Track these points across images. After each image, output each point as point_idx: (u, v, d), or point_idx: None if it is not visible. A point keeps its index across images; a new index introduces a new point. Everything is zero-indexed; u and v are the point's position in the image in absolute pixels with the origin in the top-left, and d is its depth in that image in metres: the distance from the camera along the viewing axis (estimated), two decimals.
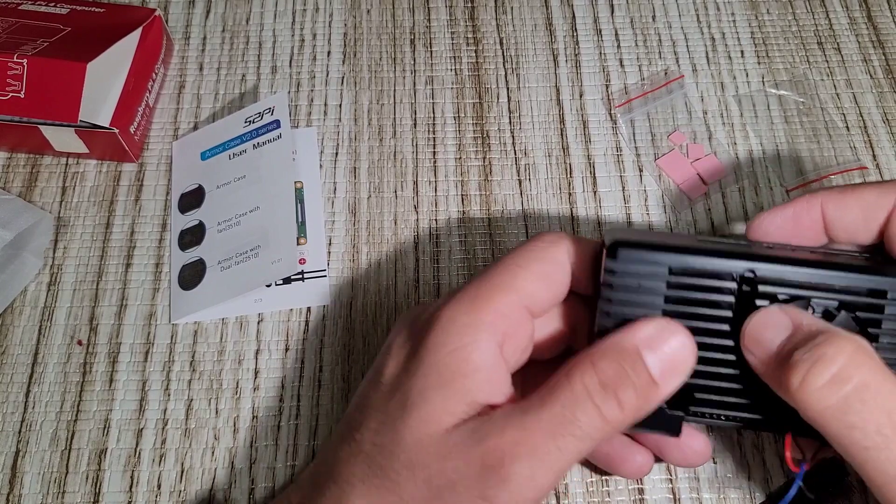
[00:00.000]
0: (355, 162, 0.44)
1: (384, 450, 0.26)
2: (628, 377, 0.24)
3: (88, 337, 0.39)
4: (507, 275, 0.28)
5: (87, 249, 0.41)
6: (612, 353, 0.25)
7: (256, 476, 0.36)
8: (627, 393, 0.24)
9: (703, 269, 0.27)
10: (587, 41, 0.47)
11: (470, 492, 0.25)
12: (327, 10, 0.48)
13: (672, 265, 0.27)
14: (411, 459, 0.26)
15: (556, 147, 0.44)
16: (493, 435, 0.25)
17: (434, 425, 0.26)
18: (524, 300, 0.28)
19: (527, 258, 0.28)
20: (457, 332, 0.27)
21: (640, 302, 0.27)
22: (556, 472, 0.25)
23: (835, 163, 0.43)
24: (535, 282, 0.28)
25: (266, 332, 0.39)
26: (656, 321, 0.26)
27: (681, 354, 0.25)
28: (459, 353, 0.26)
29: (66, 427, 0.37)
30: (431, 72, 0.46)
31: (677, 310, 0.27)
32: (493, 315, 0.27)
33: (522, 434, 0.24)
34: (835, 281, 0.26)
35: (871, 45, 0.47)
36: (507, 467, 0.24)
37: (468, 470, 0.25)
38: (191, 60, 0.47)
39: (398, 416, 0.26)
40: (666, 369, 0.25)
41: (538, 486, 0.24)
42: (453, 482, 0.25)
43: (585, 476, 0.36)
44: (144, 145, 0.44)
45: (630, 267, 0.27)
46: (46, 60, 0.40)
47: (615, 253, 0.27)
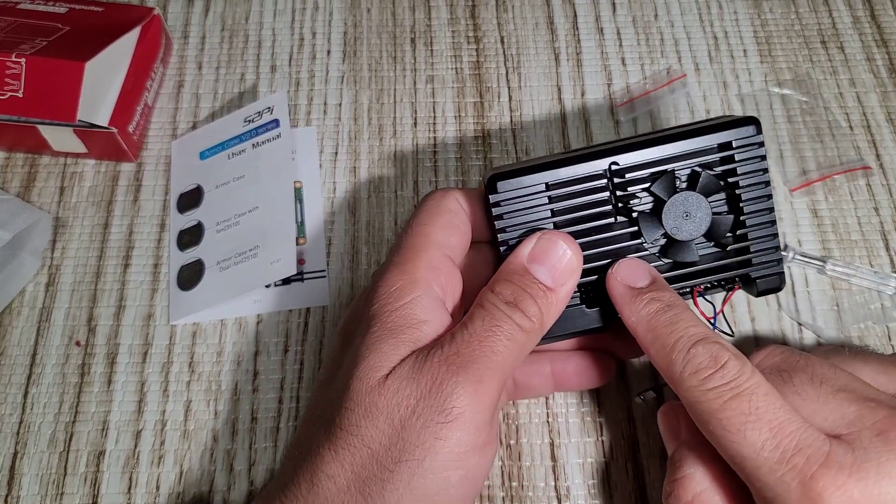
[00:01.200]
0: (355, 161, 0.43)
1: (341, 409, 0.27)
2: (524, 291, 0.28)
3: (87, 338, 0.39)
4: (420, 235, 0.30)
5: (86, 250, 0.41)
6: (505, 275, 0.29)
7: (255, 478, 0.36)
8: (528, 303, 0.28)
9: (575, 176, 0.30)
10: (589, 40, 0.47)
11: (429, 412, 0.26)
12: (327, 8, 0.48)
13: (547, 181, 0.30)
14: (367, 407, 0.26)
15: (558, 146, 0.44)
16: (433, 356, 0.27)
17: (382, 370, 0.27)
18: (443, 250, 0.30)
19: (428, 215, 0.30)
20: (396, 294, 0.28)
21: (530, 221, 0.30)
22: (496, 370, 0.27)
23: (838, 162, 0.43)
24: (444, 232, 0.30)
25: (265, 333, 0.39)
26: (535, 236, 0.29)
27: (564, 258, 0.29)
28: (404, 309, 0.28)
29: (64, 428, 0.37)
30: (432, 70, 0.46)
31: (566, 218, 0.30)
32: (424, 271, 0.29)
33: (455, 349, 0.27)
34: (685, 148, 0.30)
35: (874, 44, 0.47)
36: (453, 378, 0.26)
37: (420, 393, 0.26)
38: (190, 59, 0.46)
39: (348, 375, 0.28)
40: (555, 275, 0.29)
41: (485, 387, 0.26)
42: (411, 409, 0.26)
43: (586, 478, 0.36)
44: (143, 145, 0.44)
45: (510, 194, 0.30)
46: (45, 60, 0.40)
47: (494, 186, 0.30)
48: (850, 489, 0.23)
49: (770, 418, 0.24)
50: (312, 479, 0.27)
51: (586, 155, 0.30)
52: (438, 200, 0.31)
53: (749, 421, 0.25)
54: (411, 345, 0.28)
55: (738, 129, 0.30)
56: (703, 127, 0.30)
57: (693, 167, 0.30)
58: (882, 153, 0.43)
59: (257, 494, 0.34)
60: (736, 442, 0.25)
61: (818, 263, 0.40)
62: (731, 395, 0.25)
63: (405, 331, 0.28)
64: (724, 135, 0.30)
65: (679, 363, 0.26)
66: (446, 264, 0.30)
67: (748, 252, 0.31)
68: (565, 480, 0.36)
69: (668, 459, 0.29)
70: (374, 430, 0.26)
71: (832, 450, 0.24)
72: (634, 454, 0.36)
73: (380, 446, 0.26)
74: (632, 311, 0.28)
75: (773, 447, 0.24)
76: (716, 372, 0.26)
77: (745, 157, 0.30)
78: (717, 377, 0.26)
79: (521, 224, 0.30)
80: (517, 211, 0.30)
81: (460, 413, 0.26)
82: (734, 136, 0.30)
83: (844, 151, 0.43)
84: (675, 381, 0.27)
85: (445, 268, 0.30)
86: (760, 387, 0.25)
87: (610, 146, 0.30)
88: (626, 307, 0.29)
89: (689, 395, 0.26)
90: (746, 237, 0.31)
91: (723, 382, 0.25)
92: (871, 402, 0.25)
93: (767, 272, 0.31)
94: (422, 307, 0.28)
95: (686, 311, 0.28)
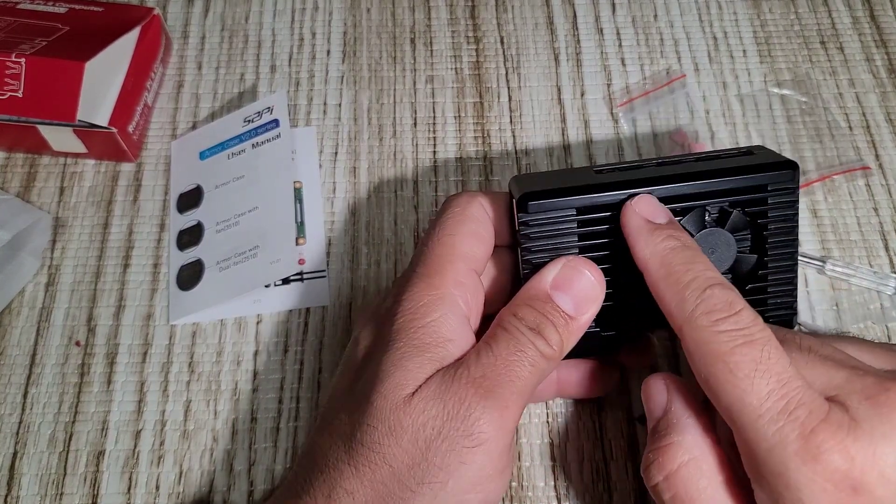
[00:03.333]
0: (355, 162, 0.43)
1: (363, 426, 0.27)
2: (546, 319, 0.28)
3: (86, 338, 0.39)
4: (447, 245, 0.29)
5: (86, 250, 0.41)
6: (527, 300, 0.28)
7: (255, 478, 0.36)
8: (550, 331, 0.28)
9: (607, 204, 0.29)
10: (588, 40, 0.47)
11: (455, 435, 0.26)
12: (327, 8, 0.48)
13: (578, 206, 0.29)
14: (391, 426, 0.26)
15: (558, 147, 0.44)
16: (460, 378, 0.26)
17: (407, 388, 0.27)
18: (469, 263, 0.29)
19: (455, 224, 0.30)
20: (422, 311, 0.28)
21: (556, 245, 0.29)
22: (520, 395, 0.27)
23: (837, 163, 0.43)
24: (469, 243, 0.30)
25: (265, 333, 0.39)
26: (560, 263, 0.29)
27: (588, 287, 0.29)
28: (429, 327, 0.28)
29: (64, 428, 0.37)
30: (432, 71, 0.46)
31: (591, 244, 0.30)
32: (451, 287, 0.28)
33: (482, 371, 0.27)
34: (721, 186, 0.29)
35: (873, 44, 0.47)
36: (480, 403, 0.26)
37: (447, 415, 0.26)
38: (189, 59, 0.46)
39: (371, 389, 0.27)
40: (578, 303, 0.28)
41: (510, 413, 0.26)
42: (437, 431, 0.26)
43: (586, 478, 0.36)
44: (143, 145, 0.44)
45: (541, 216, 0.29)
46: (45, 60, 0.40)
47: (525, 206, 0.29)
48: (848, 446, 0.23)
49: (779, 370, 0.24)
50: (330, 493, 0.26)
51: (620, 182, 0.29)
52: (464, 207, 0.30)
53: (759, 369, 0.24)
54: (437, 363, 0.27)
55: (777, 174, 0.29)
56: (742, 167, 0.30)
57: (723, 205, 0.30)
58: (881, 153, 0.43)
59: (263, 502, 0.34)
60: (740, 388, 0.24)
61: (817, 263, 0.40)
62: (743, 340, 0.25)
63: (431, 349, 0.27)
64: (762, 177, 0.29)
65: (692, 301, 0.26)
66: (472, 279, 0.29)
67: (765, 293, 0.31)
68: (565, 480, 0.36)
69: (650, 430, 0.28)
70: (398, 450, 0.26)
71: (831, 409, 0.24)
72: (634, 454, 0.36)
73: (402, 466, 0.26)
74: (647, 244, 0.27)
75: (779, 398, 0.24)
76: (730, 316, 0.25)
77: (777, 201, 0.30)
78: (731, 321, 0.25)
79: (548, 246, 0.29)
80: (545, 233, 0.29)
81: (486, 438, 0.26)
82: (771, 179, 0.29)
83: (844, 152, 0.43)
84: (683, 318, 0.26)
85: (471, 282, 0.29)
86: (772, 341, 0.25)
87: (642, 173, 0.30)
88: (642, 239, 0.28)
89: (697, 335, 0.25)
90: (766, 278, 0.30)
91: (736, 327, 0.25)
92: (857, 370, 0.25)
93: (781, 313, 0.31)
94: (448, 325, 0.28)
95: (703, 256, 0.27)
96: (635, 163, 0.31)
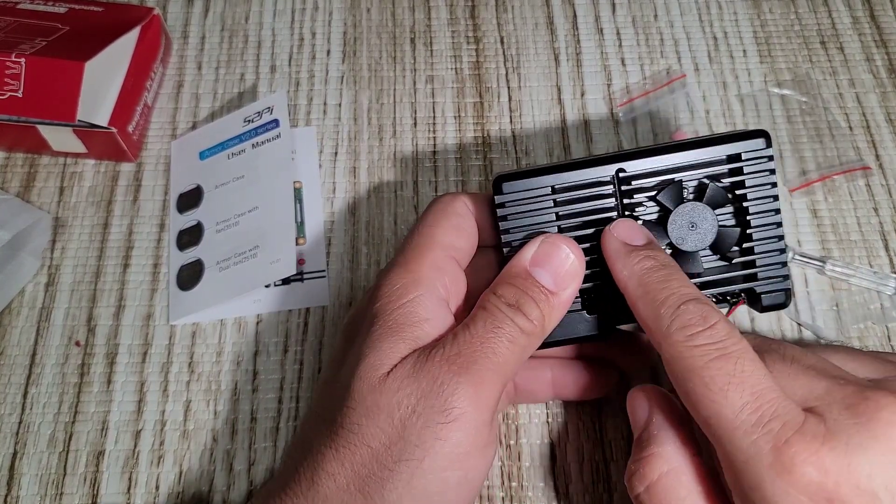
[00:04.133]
0: (355, 162, 0.43)
1: (342, 409, 0.27)
2: (525, 294, 0.28)
3: (86, 338, 0.39)
4: (426, 235, 0.30)
5: (85, 250, 0.41)
6: (508, 277, 0.29)
7: (255, 478, 0.36)
8: (530, 306, 0.28)
9: (582, 181, 0.30)
10: (588, 40, 0.47)
11: (430, 412, 0.26)
12: (327, 8, 0.48)
13: (553, 184, 0.30)
14: (368, 406, 0.26)
15: (558, 146, 0.44)
16: (434, 356, 0.27)
17: (382, 368, 0.27)
18: (449, 251, 0.30)
19: (435, 217, 0.31)
20: (398, 292, 0.28)
21: (535, 224, 0.30)
22: (497, 371, 0.27)
23: (838, 163, 0.43)
24: (450, 234, 0.30)
25: (265, 333, 0.39)
26: (538, 240, 0.29)
27: (567, 261, 0.29)
28: (405, 307, 0.28)
29: (63, 428, 0.37)
30: (432, 71, 0.46)
31: (570, 223, 0.30)
32: (428, 270, 0.29)
33: (457, 349, 0.27)
34: (694, 158, 0.30)
35: (873, 44, 0.47)
36: (454, 379, 0.26)
37: (421, 392, 0.26)
38: (189, 59, 0.46)
39: (350, 374, 0.28)
40: (557, 278, 0.28)
41: (487, 389, 0.27)
42: (412, 409, 0.26)
43: (586, 478, 0.36)
44: (143, 145, 0.44)
45: (516, 195, 0.30)
46: (44, 59, 0.40)
47: (500, 187, 0.30)
48: (822, 457, 0.23)
49: (753, 382, 0.24)
50: (313, 476, 0.27)
51: (593, 160, 0.30)
52: (447, 204, 0.31)
53: (733, 382, 0.24)
54: (412, 343, 0.28)
55: (748, 142, 0.29)
56: (713, 138, 0.30)
57: (701, 178, 0.30)
58: (881, 153, 0.43)
59: (256, 492, 0.34)
60: (715, 402, 0.24)
61: (818, 264, 0.40)
62: (717, 354, 0.25)
63: (406, 329, 0.28)
64: (734, 146, 0.29)
65: (667, 318, 0.26)
66: (451, 265, 0.30)
67: (754, 266, 0.30)
68: (565, 480, 0.36)
69: (634, 442, 0.29)
70: (375, 429, 0.26)
71: (807, 420, 0.24)
72: None
73: (380, 445, 0.26)
74: (624, 266, 0.28)
75: (753, 410, 0.24)
76: (704, 330, 0.25)
77: (753, 169, 0.30)
78: (706, 335, 0.25)
79: (526, 226, 0.30)
80: (522, 213, 0.30)
81: (461, 413, 0.26)
82: (743, 147, 0.29)
83: (844, 152, 0.43)
84: (660, 335, 0.26)
85: (450, 268, 0.30)
86: (747, 352, 0.25)
87: (618, 154, 0.30)
88: (620, 262, 0.28)
89: (673, 350, 0.26)
90: (753, 251, 0.30)
91: (710, 341, 0.25)
92: (839, 380, 0.25)
93: (773, 288, 0.30)
94: (424, 306, 0.28)
95: (679, 273, 0.28)
96: (614, 151, 0.32)
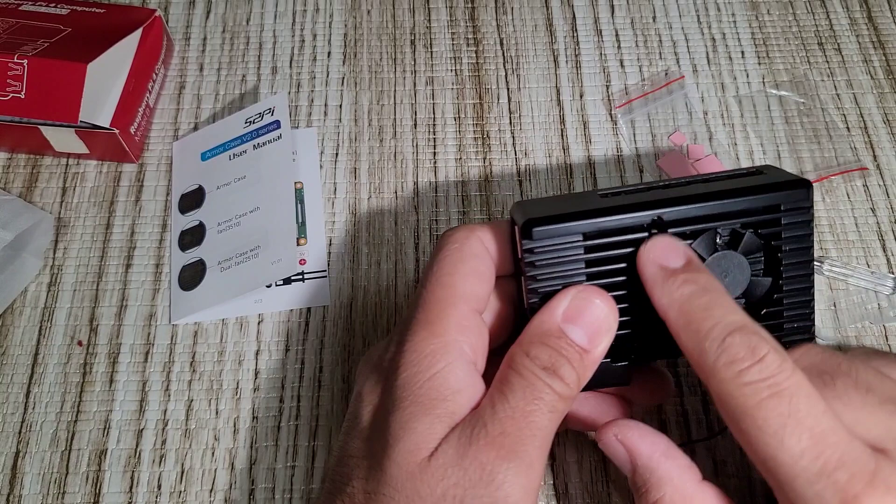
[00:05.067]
0: (355, 162, 0.44)
1: (378, 495, 0.25)
2: (560, 355, 0.26)
3: (88, 337, 0.39)
4: (447, 288, 0.28)
5: (88, 250, 0.41)
6: (539, 337, 0.27)
7: (256, 477, 0.36)
8: (565, 368, 0.26)
9: (615, 228, 0.28)
10: (587, 42, 0.47)
11: (479, 502, 0.24)
12: (327, 10, 0.48)
13: (585, 231, 0.28)
14: (408, 495, 0.25)
15: (557, 148, 0.44)
16: (478, 438, 0.25)
17: (421, 452, 0.25)
18: (471, 304, 0.28)
19: (452, 263, 0.28)
20: (426, 361, 0.26)
21: (563, 273, 0.28)
22: (542, 449, 0.25)
23: (835, 163, 0.43)
24: (470, 282, 0.28)
25: (266, 332, 0.39)
26: (569, 293, 0.27)
27: (600, 317, 0.27)
28: (435, 379, 0.26)
29: (66, 428, 0.37)
30: (432, 72, 0.46)
31: (600, 271, 0.28)
32: (455, 332, 0.27)
33: (500, 428, 0.25)
34: (733, 207, 0.28)
35: (871, 45, 0.47)
36: (503, 465, 0.24)
37: (469, 482, 0.24)
38: (191, 61, 0.47)
39: (383, 455, 0.26)
40: (591, 335, 0.27)
41: (535, 471, 0.25)
42: (459, 500, 0.24)
43: (585, 477, 0.36)
44: (144, 146, 0.44)
45: (546, 243, 0.28)
46: (47, 61, 0.40)
47: (530, 233, 0.28)
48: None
49: (812, 424, 0.22)
50: None
51: (627, 206, 0.28)
52: (462, 243, 0.28)
53: (788, 424, 0.22)
54: (448, 420, 0.26)
55: (790, 193, 0.28)
56: (754, 186, 0.28)
57: (735, 227, 0.28)
58: (879, 154, 0.44)
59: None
60: (771, 445, 0.22)
61: (815, 264, 0.40)
62: (769, 392, 0.23)
63: (440, 405, 0.26)
64: (775, 196, 0.28)
65: (712, 352, 0.24)
66: (475, 320, 0.28)
67: (781, 317, 0.29)
68: (564, 478, 0.36)
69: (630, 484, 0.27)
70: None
71: (878, 467, 0.21)
72: None
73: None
74: (663, 293, 0.26)
75: (814, 457, 0.22)
76: (753, 365, 0.23)
77: (791, 221, 0.28)
78: (755, 371, 0.23)
79: (555, 274, 0.28)
80: (551, 260, 0.28)
81: (513, 499, 0.24)
82: (784, 199, 0.28)
83: (841, 152, 0.43)
84: (706, 371, 0.24)
85: (474, 325, 0.28)
86: (802, 387, 0.23)
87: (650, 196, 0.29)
88: (658, 289, 0.26)
89: (721, 389, 0.24)
90: (782, 302, 0.29)
91: (761, 377, 0.23)
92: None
93: (797, 338, 0.30)
94: (455, 376, 0.26)
95: (724, 297, 0.26)
96: (641, 185, 0.30)
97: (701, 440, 0.36)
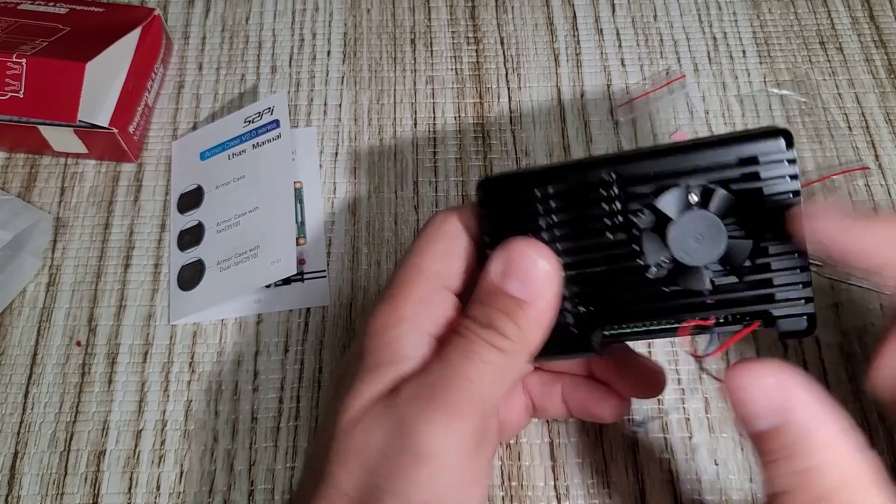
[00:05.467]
0: (355, 162, 0.43)
1: (320, 458, 0.26)
2: (498, 311, 0.25)
3: (87, 338, 0.39)
4: (412, 267, 0.28)
5: (86, 250, 0.41)
6: (479, 296, 0.26)
7: (256, 478, 0.36)
8: (502, 321, 0.25)
9: (571, 185, 0.26)
10: (588, 40, 0.47)
11: (398, 454, 0.24)
12: (327, 9, 0.48)
13: (539, 187, 0.27)
14: (339, 454, 0.25)
15: (558, 147, 0.44)
16: (402, 392, 0.25)
17: (354, 411, 0.26)
18: (436, 281, 0.28)
19: (424, 244, 0.29)
20: (383, 331, 0.27)
21: (520, 229, 0.27)
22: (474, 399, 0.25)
23: (837, 163, 0.43)
24: (438, 261, 0.28)
25: (265, 333, 0.39)
26: (501, 249, 0.26)
27: (536, 267, 0.26)
28: (388, 346, 0.27)
29: (64, 428, 0.37)
30: (432, 71, 0.46)
31: (558, 229, 0.27)
32: (413, 306, 0.27)
33: (428, 382, 0.25)
34: (700, 161, 0.25)
35: (873, 44, 0.47)
36: (422, 414, 0.24)
37: (389, 433, 0.25)
38: (190, 60, 0.47)
39: (333, 412, 0.27)
40: (529, 287, 0.25)
41: (463, 420, 0.25)
42: (380, 453, 0.25)
43: (586, 478, 0.36)
44: (143, 145, 0.44)
45: (500, 198, 0.27)
46: (45, 60, 0.40)
47: (483, 189, 0.27)
48: None
49: None
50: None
51: (586, 163, 0.26)
52: (438, 226, 0.29)
53: None
54: (391, 379, 0.26)
55: (766, 142, 0.25)
56: (725, 138, 0.25)
57: (706, 183, 0.25)
58: (881, 153, 0.43)
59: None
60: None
61: (817, 264, 0.40)
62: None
63: (386, 367, 0.26)
64: (749, 147, 0.25)
65: None
66: (441, 296, 0.28)
67: (771, 285, 0.25)
68: (565, 480, 0.36)
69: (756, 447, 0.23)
70: (349, 476, 0.25)
71: None
72: (634, 454, 0.36)
73: (356, 493, 0.25)
74: None
75: None
76: None
77: (772, 174, 0.25)
78: None
79: (510, 232, 0.27)
80: (509, 220, 0.27)
81: (432, 453, 0.24)
82: (761, 149, 0.25)
83: (843, 152, 0.43)
84: None
85: (439, 300, 0.28)
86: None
87: (613, 155, 0.27)
88: None
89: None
90: (769, 268, 0.25)
91: None
92: None
93: (792, 311, 0.25)
94: (406, 343, 0.26)
95: None
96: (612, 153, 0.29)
97: None
